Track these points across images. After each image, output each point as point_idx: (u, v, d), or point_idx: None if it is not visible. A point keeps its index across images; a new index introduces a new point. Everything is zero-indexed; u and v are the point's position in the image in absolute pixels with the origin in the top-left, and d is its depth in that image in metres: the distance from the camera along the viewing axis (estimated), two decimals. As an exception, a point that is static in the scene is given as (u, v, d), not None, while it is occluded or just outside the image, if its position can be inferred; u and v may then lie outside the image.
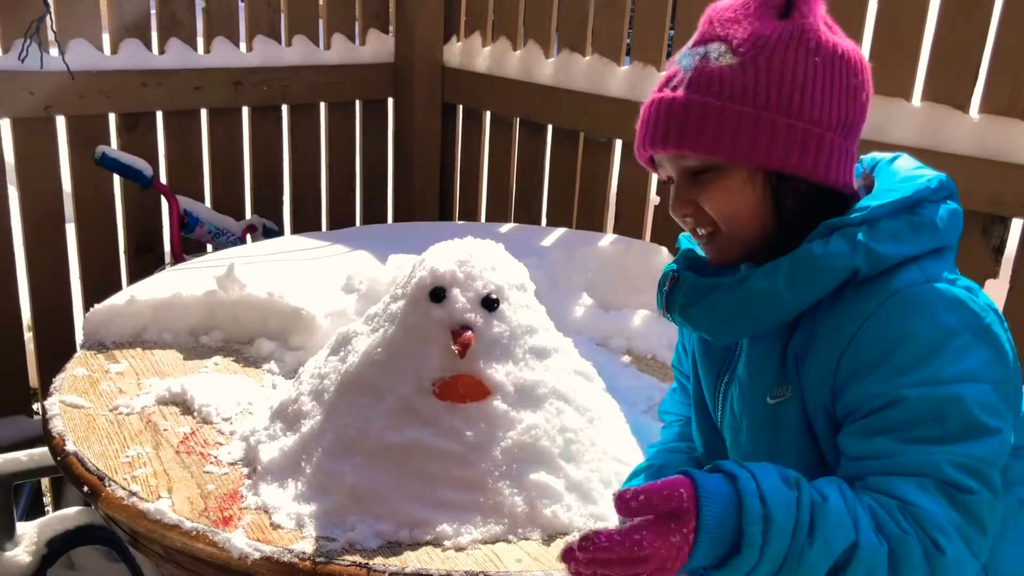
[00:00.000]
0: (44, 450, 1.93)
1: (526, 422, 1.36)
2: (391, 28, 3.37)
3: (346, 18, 3.28)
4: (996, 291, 2.09)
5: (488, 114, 3.24)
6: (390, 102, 3.43)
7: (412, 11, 3.24)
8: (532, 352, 1.42)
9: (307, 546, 1.26)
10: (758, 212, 1.07)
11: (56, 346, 2.77)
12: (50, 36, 2.60)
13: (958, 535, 0.93)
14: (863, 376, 0.99)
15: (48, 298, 2.81)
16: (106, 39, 2.81)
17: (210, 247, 2.97)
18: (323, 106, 3.27)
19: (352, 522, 1.29)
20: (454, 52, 3.29)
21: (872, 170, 1.14)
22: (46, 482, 2.84)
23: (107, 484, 1.40)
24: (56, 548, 1.99)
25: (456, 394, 1.35)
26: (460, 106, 3.34)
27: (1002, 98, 2.02)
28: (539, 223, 3.09)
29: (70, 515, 2.05)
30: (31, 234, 2.75)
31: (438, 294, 1.38)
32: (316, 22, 3.21)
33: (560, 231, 2.51)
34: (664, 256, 2.25)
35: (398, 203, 3.51)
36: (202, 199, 3.06)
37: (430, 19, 3.27)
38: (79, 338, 1.91)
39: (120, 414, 1.62)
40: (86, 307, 2.81)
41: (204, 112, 3.02)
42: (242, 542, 1.25)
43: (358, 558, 1.24)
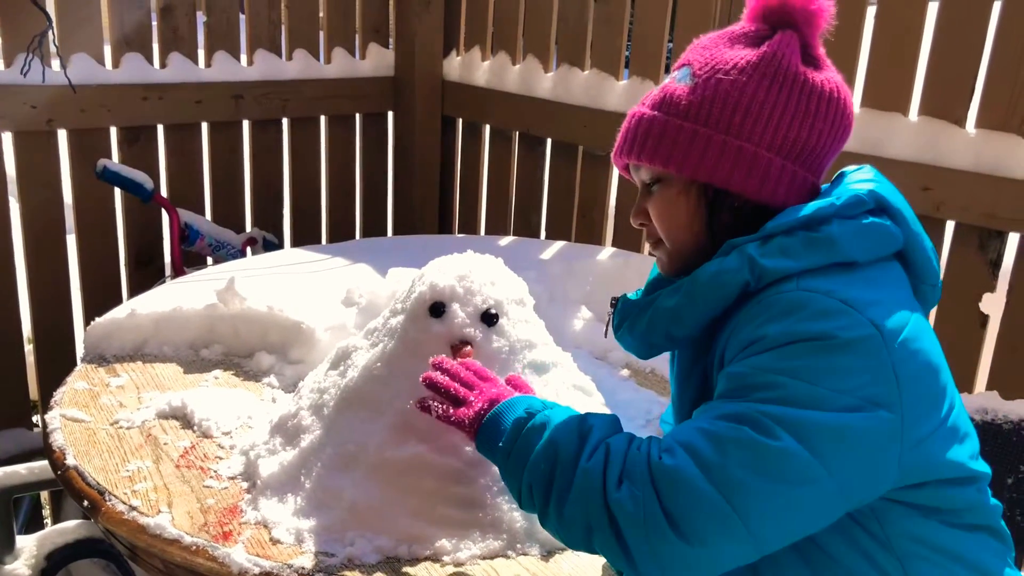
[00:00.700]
0: (44, 463, 1.94)
1: (525, 437, 1.36)
2: (391, 42, 3.39)
3: (346, 32, 3.29)
4: (993, 305, 2.11)
5: (488, 128, 3.25)
6: (390, 115, 3.44)
7: (412, 25, 3.26)
8: (531, 367, 1.43)
9: (306, 561, 1.26)
10: (690, 224, 1.15)
11: (56, 358, 2.78)
12: (52, 50, 2.62)
13: (685, 453, 0.97)
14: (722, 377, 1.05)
15: (48, 311, 2.82)
16: (108, 53, 2.83)
17: (210, 260, 2.98)
18: (323, 119, 3.29)
19: (351, 537, 1.29)
20: (454, 66, 3.31)
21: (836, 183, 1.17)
22: (46, 495, 2.84)
23: (107, 498, 1.40)
24: (55, 561, 1.99)
25: (455, 409, 1.35)
26: (460, 120, 3.36)
27: (999, 113, 2.03)
28: (538, 236, 3.10)
29: (69, 528, 2.05)
30: (32, 247, 2.76)
31: (438, 309, 1.39)
32: (317, 36, 3.23)
33: (559, 244, 2.52)
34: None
35: (398, 216, 3.52)
36: (203, 212, 3.07)
37: (430, 33, 3.29)
38: (79, 351, 1.92)
39: (120, 428, 1.62)
40: (86, 320, 2.82)
41: (205, 125, 3.03)
42: (242, 557, 1.26)
43: (357, 573, 1.24)
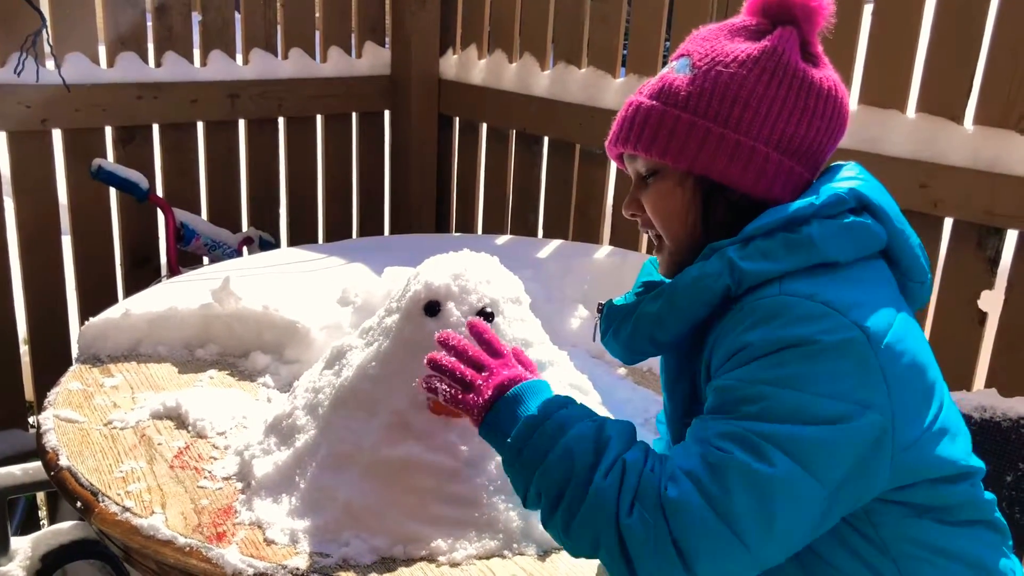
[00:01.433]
0: (39, 464, 1.92)
1: (521, 436, 1.35)
2: (387, 41, 3.38)
3: (342, 31, 3.28)
4: (992, 302, 2.10)
5: (484, 126, 3.24)
6: (387, 114, 3.43)
7: (408, 24, 3.25)
8: (527, 366, 1.42)
9: (301, 562, 1.25)
10: (686, 217, 1.13)
11: (52, 359, 2.77)
12: (46, 49, 2.61)
13: (690, 483, 0.95)
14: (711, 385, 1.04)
15: (44, 311, 2.81)
16: (103, 52, 2.82)
17: (206, 260, 2.97)
18: (320, 119, 3.28)
19: (346, 537, 1.28)
20: (450, 65, 3.30)
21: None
22: (41, 496, 2.83)
23: (100, 499, 1.39)
24: (50, 563, 1.98)
25: (451, 409, 1.34)
26: (456, 118, 3.35)
27: (996, 109, 2.03)
28: (536, 235, 3.09)
29: (64, 529, 2.04)
30: (27, 248, 2.75)
31: (433, 308, 1.38)
32: (312, 35, 3.22)
33: (556, 243, 2.52)
34: (660, 268, 2.25)
35: (395, 215, 3.51)
36: (198, 212, 3.06)
37: (426, 32, 3.28)
38: (75, 351, 1.92)
39: (114, 428, 1.61)
40: (82, 320, 2.80)
41: (200, 125, 3.02)
42: (236, 558, 1.25)
43: (352, 574, 1.23)
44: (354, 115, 3.36)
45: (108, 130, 2.85)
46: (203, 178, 3.07)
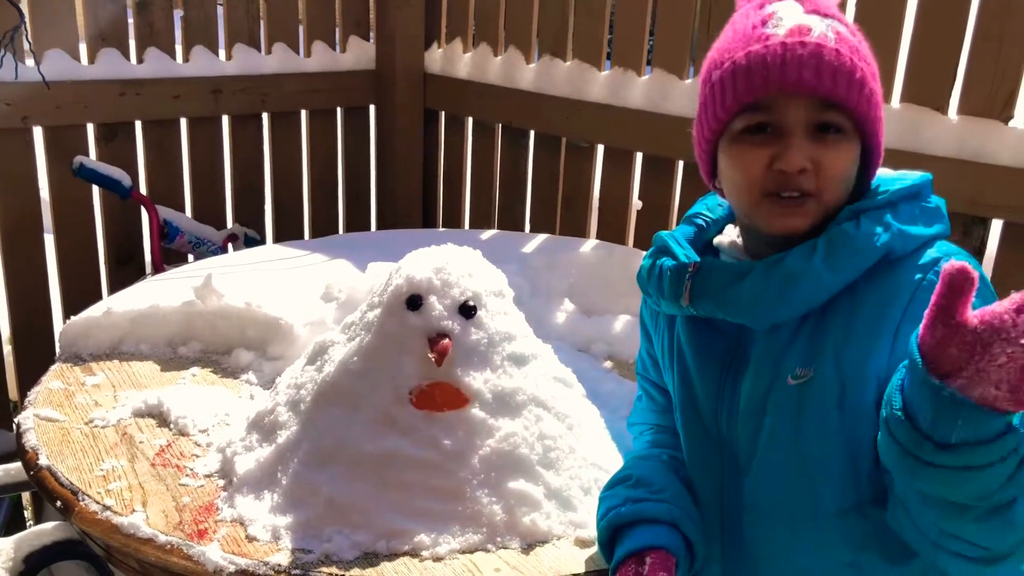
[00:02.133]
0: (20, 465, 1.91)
1: (504, 430, 1.34)
2: (372, 35, 3.36)
3: (326, 25, 3.26)
4: (977, 292, 2.10)
5: (470, 120, 3.23)
6: (372, 109, 3.41)
7: (393, 18, 3.23)
8: (510, 359, 1.41)
9: (283, 558, 1.24)
10: (852, 177, 1.12)
11: (35, 359, 2.74)
12: (25, 46, 2.58)
13: None
14: None
15: (27, 310, 2.78)
16: (83, 48, 2.79)
17: (191, 257, 2.95)
18: (304, 114, 3.26)
19: (329, 533, 1.27)
20: (435, 58, 3.28)
21: None
22: (27, 496, 2.81)
23: (80, 498, 1.38)
24: (33, 564, 1.96)
25: (433, 403, 1.34)
26: (442, 112, 3.33)
27: (980, 99, 2.02)
28: (523, 229, 3.08)
29: (47, 530, 2.02)
30: (9, 245, 2.72)
31: (415, 302, 1.37)
32: (296, 30, 3.20)
33: (542, 237, 2.51)
34: (646, 261, 2.24)
35: (381, 210, 3.50)
36: (182, 209, 3.04)
37: (411, 26, 3.26)
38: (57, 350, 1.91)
39: (95, 427, 1.60)
40: (65, 319, 2.77)
41: (183, 121, 3.00)
42: (217, 555, 1.24)
43: (335, 569, 1.22)
44: (339, 110, 3.34)
45: (90, 127, 2.82)
46: (187, 175, 3.05)
